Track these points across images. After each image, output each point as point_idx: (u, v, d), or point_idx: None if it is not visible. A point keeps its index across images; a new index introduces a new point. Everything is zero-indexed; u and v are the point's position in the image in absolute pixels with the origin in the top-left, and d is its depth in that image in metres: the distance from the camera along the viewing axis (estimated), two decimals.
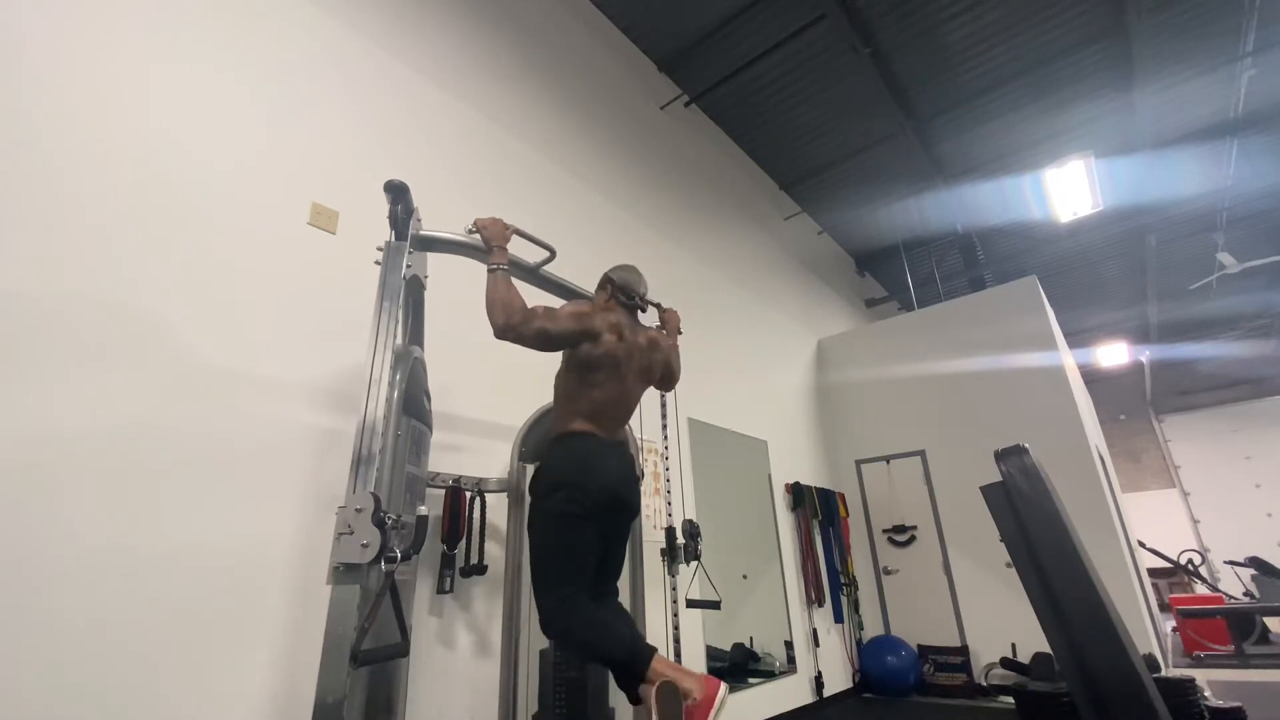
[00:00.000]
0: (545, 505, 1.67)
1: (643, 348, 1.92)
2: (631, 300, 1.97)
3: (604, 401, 1.79)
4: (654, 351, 1.98)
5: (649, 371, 1.98)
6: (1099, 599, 1.84)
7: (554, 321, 1.72)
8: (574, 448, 1.73)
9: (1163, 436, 10.97)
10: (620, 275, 1.99)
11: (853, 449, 5.73)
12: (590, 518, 1.66)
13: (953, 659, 4.65)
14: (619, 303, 1.95)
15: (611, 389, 1.80)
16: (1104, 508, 4.37)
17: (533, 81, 3.58)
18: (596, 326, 1.79)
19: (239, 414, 1.85)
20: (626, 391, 1.86)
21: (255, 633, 1.71)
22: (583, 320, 1.78)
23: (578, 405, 1.78)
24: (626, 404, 1.89)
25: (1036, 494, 1.98)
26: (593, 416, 1.77)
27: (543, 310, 1.72)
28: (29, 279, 1.56)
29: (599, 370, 1.78)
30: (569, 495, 1.64)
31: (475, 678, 2.23)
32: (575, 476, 1.67)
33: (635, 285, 1.99)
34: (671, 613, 2.64)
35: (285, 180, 2.18)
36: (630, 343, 1.87)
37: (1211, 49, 4.82)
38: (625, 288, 1.97)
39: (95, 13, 1.85)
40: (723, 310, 4.74)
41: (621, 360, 1.82)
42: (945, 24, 4.59)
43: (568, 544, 1.64)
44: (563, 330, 1.74)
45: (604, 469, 1.71)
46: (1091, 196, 5.82)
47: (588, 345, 1.78)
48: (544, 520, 1.67)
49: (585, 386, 1.78)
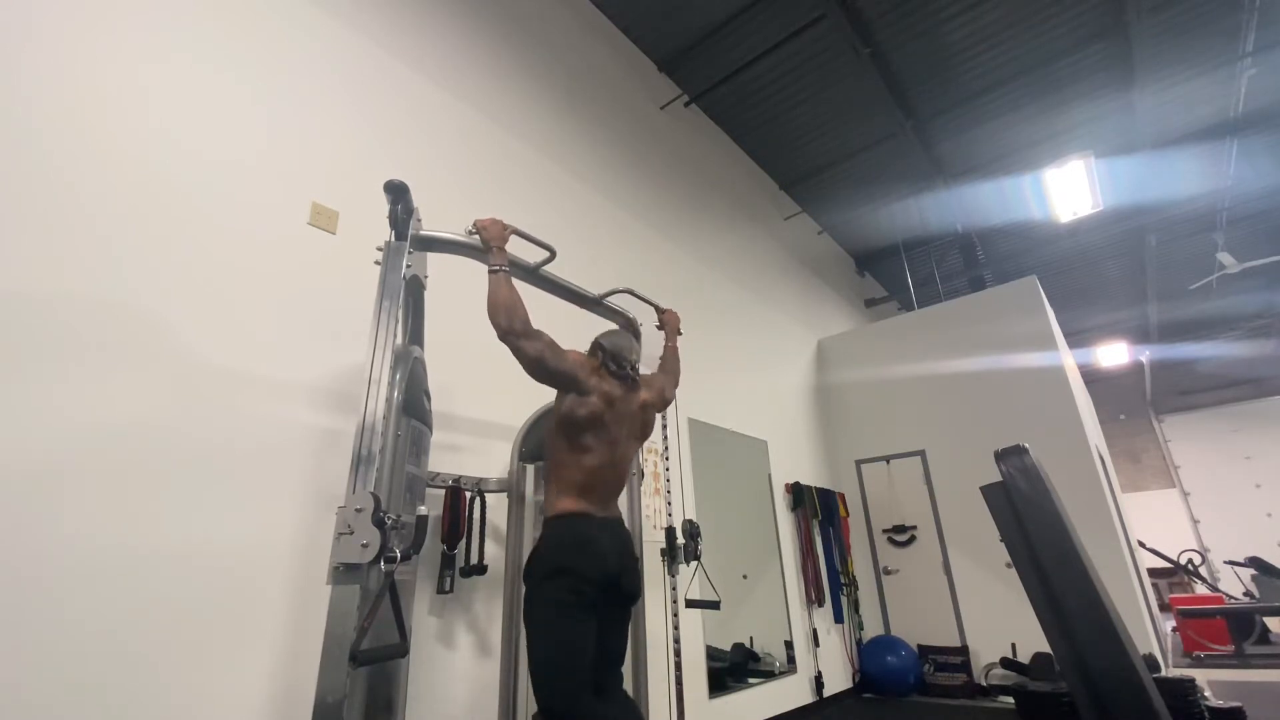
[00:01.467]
0: (540, 594, 1.62)
1: (634, 413, 1.90)
2: (621, 370, 1.88)
3: (595, 470, 1.75)
4: (644, 414, 1.97)
5: (643, 430, 1.97)
6: (1099, 599, 1.84)
7: (554, 355, 1.71)
8: (567, 531, 1.69)
9: (1163, 436, 10.97)
10: (611, 342, 1.92)
11: (853, 449, 5.73)
12: (587, 604, 1.60)
13: (953, 659, 4.65)
14: (609, 371, 1.87)
15: (602, 454, 1.77)
16: (1104, 508, 4.37)
17: (533, 81, 3.58)
18: (589, 386, 1.76)
19: (239, 414, 1.85)
20: (617, 456, 1.83)
21: (255, 633, 1.71)
22: (580, 371, 1.76)
23: (570, 476, 1.74)
24: (620, 470, 1.85)
25: (1036, 494, 1.98)
26: (585, 490, 1.73)
27: (549, 340, 1.71)
28: (29, 279, 1.56)
29: (586, 433, 1.75)
30: (564, 583, 1.60)
31: (475, 678, 2.23)
32: (570, 562, 1.62)
33: (625, 354, 1.91)
34: (671, 613, 2.64)
35: (285, 180, 2.18)
36: (620, 411, 1.84)
37: (1211, 49, 4.82)
38: (615, 356, 1.89)
39: (95, 13, 1.85)
40: (723, 310, 4.74)
41: (609, 425, 1.79)
42: (945, 24, 4.59)
43: (566, 633, 1.57)
44: (557, 368, 1.71)
45: (600, 552, 1.67)
46: (1091, 196, 5.82)
47: (573, 399, 1.75)
48: (540, 610, 1.61)
49: (574, 452, 1.75)
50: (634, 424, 1.91)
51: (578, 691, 1.53)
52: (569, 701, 1.52)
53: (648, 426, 2.00)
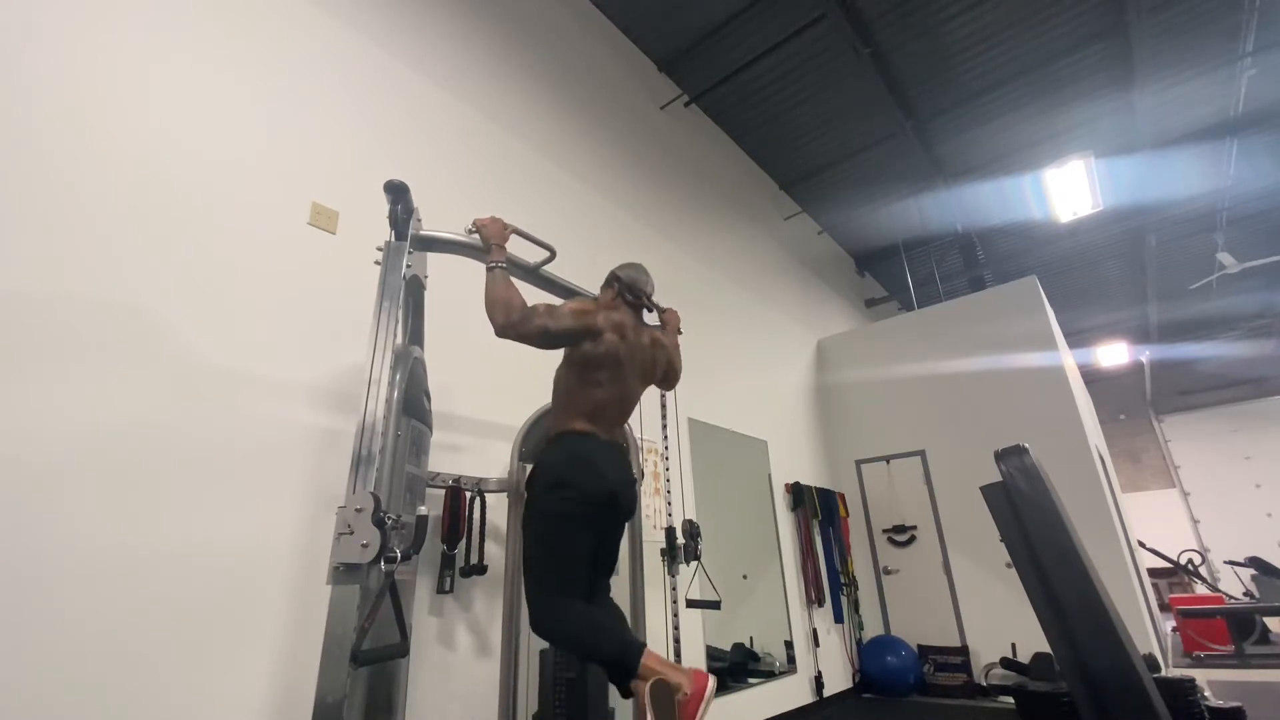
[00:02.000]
0: (541, 504, 1.67)
1: (645, 347, 1.92)
2: (638, 299, 1.97)
3: (604, 401, 1.79)
4: (656, 350, 1.98)
5: (651, 371, 1.98)
6: (1099, 599, 1.84)
7: (555, 319, 1.72)
8: (571, 447, 1.72)
9: (1163, 436, 10.97)
10: (627, 273, 1.99)
11: (853, 449, 5.73)
12: (586, 518, 1.66)
13: (953, 659, 4.65)
14: (624, 301, 1.94)
15: (612, 389, 1.80)
16: (1104, 508, 4.37)
17: (533, 81, 3.58)
18: (599, 324, 1.78)
19: (239, 414, 1.85)
20: (627, 391, 1.86)
21: (255, 633, 1.71)
22: (584, 318, 1.78)
23: (577, 403, 1.77)
24: (626, 404, 1.89)
25: (1036, 494, 1.98)
26: (592, 416, 1.77)
27: (544, 308, 1.72)
28: (29, 279, 1.56)
29: (600, 369, 1.78)
30: (565, 495, 1.64)
31: (475, 678, 2.23)
32: (572, 476, 1.66)
33: (642, 284, 1.98)
34: (671, 613, 2.64)
35: (285, 180, 2.18)
36: (633, 342, 1.86)
37: (1211, 49, 4.82)
38: (632, 286, 1.96)
39: (95, 13, 1.85)
40: (723, 310, 4.74)
41: (623, 360, 1.82)
42: (945, 24, 4.59)
43: (562, 544, 1.63)
44: (564, 328, 1.74)
45: (601, 469, 1.70)
46: (1091, 196, 5.82)
47: (589, 343, 1.77)
48: (539, 519, 1.67)
49: (585, 385, 1.78)
50: (645, 359, 1.93)
51: (564, 592, 1.60)
52: (557, 602, 1.58)
53: (656, 367, 2.00)
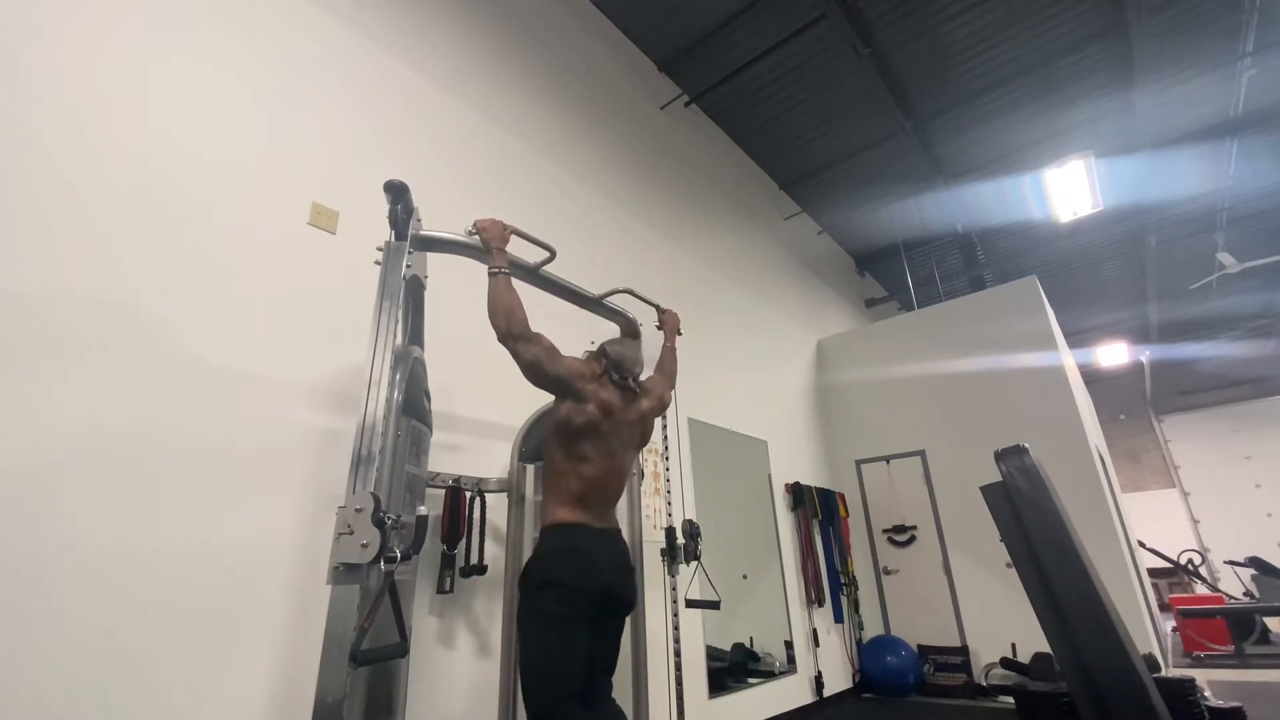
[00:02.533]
0: (535, 603, 1.62)
1: (633, 422, 1.90)
2: (623, 381, 1.88)
3: (592, 479, 1.75)
4: (644, 423, 1.97)
5: (641, 440, 1.98)
6: (1099, 599, 1.84)
7: (551, 361, 1.70)
8: (563, 541, 1.69)
9: (1163, 436, 10.97)
10: (615, 351, 1.91)
11: (853, 449, 5.73)
12: (581, 616, 1.61)
13: (953, 659, 4.65)
14: (610, 380, 1.87)
15: (600, 463, 1.77)
16: (1104, 508, 4.37)
17: (533, 81, 3.58)
18: (587, 394, 1.76)
19: (239, 414, 1.85)
20: (615, 466, 1.83)
21: (255, 633, 1.71)
22: (577, 379, 1.75)
23: (567, 485, 1.74)
24: (618, 478, 1.85)
25: (1036, 494, 1.98)
26: (582, 499, 1.73)
27: (548, 344, 1.71)
28: (29, 279, 1.56)
29: (583, 441, 1.75)
30: (559, 594, 1.60)
31: (475, 678, 2.23)
32: (564, 573, 1.62)
33: (628, 365, 1.90)
34: (671, 613, 2.64)
35: (285, 180, 2.18)
36: (618, 420, 1.83)
37: (1211, 49, 4.82)
38: (618, 365, 1.88)
39: (95, 13, 1.85)
40: (723, 310, 4.74)
41: (607, 435, 1.79)
42: (945, 24, 4.59)
43: (557, 645, 1.57)
44: (555, 373, 1.71)
45: (595, 563, 1.67)
46: (1091, 196, 5.82)
47: (570, 405, 1.75)
48: (533, 619, 1.61)
49: (571, 460, 1.75)
50: (633, 432, 1.91)
51: (564, 702, 1.54)
52: (555, 712, 1.53)
53: (646, 434, 2.01)
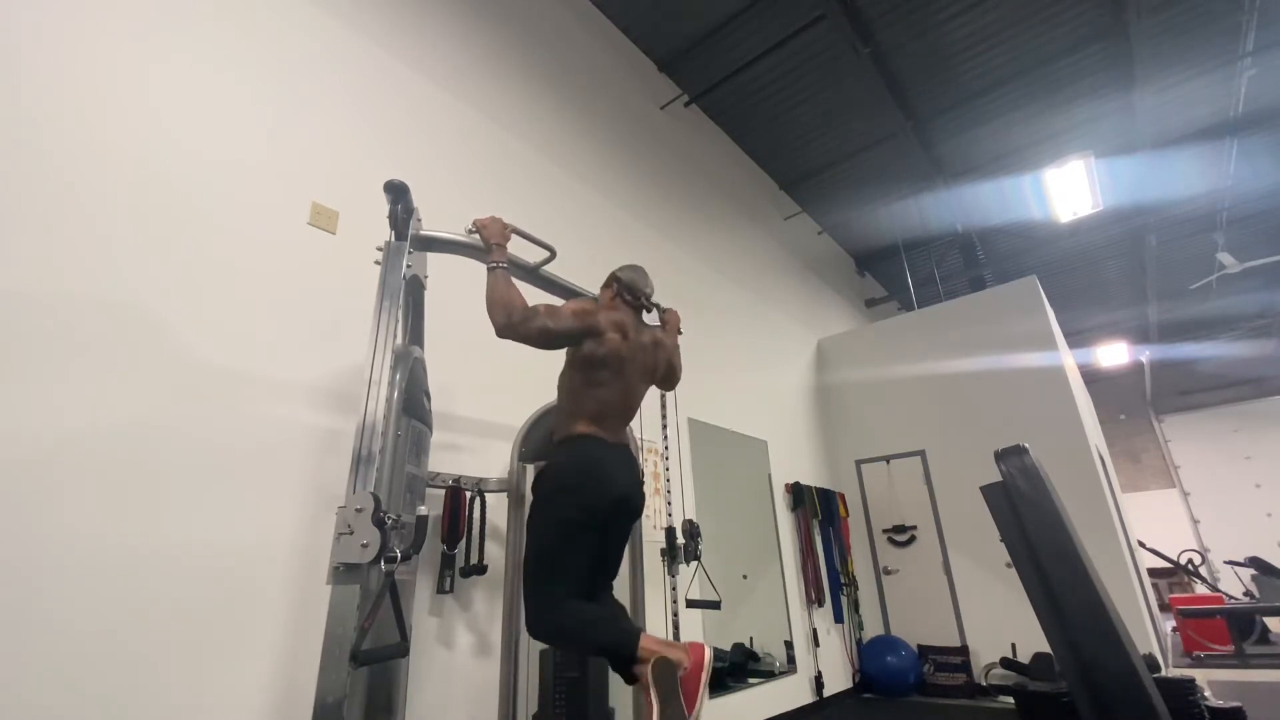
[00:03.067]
0: (548, 509, 1.66)
1: (647, 346, 1.93)
2: (637, 300, 1.97)
3: (608, 401, 1.78)
4: (658, 350, 1.98)
5: (652, 370, 1.98)
6: (1099, 599, 1.84)
7: (556, 319, 1.71)
8: (579, 452, 1.72)
9: (1163, 436, 10.97)
10: (626, 275, 1.99)
11: (853, 449, 5.73)
12: (593, 523, 1.65)
13: (953, 659, 4.65)
14: (624, 301, 1.95)
15: (615, 388, 1.80)
16: (1104, 508, 4.37)
17: (533, 81, 3.58)
18: (600, 324, 1.78)
19: (239, 414, 1.85)
20: (630, 391, 1.86)
21: (255, 633, 1.71)
22: (585, 318, 1.77)
23: (582, 405, 1.77)
24: (630, 403, 1.89)
25: (1036, 494, 1.98)
26: (597, 417, 1.76)
27: (545, 308, 1.71)
28: (29, 279, 1.56)
29: (603, 369, 1.77)
30: (572, 501, 1.63)
31: (475, 678, 2.23)
32: (580, 481, 1.66)
33: (641, 285, 1.99)
34: (671, 613, 2.64)
35: (285, 180, 2.18)
36: (635, 342, 1.86)
37: (1211, 49, 4.82)
38: (631, 287, 1.97)
39: (95, 13, 1.85)
40: (723, 310, 4.74)
41: (626, 359, 1.82)
42: (945, 24, 4.59)
43: (565, 550, 1.62)
44: (565, 328, 1.73)
45: (609, 474, 1.70)
46: (1091, 196, 5.82)
47: (591, 343, 1.77)
48: (545, 523, 1.65)
49: (589, 385, 1.78)
50: (647, 358, 1.93)
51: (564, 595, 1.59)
52: (553, 603, 1.57)
53: (659, 367, 2.01)
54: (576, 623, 1.58)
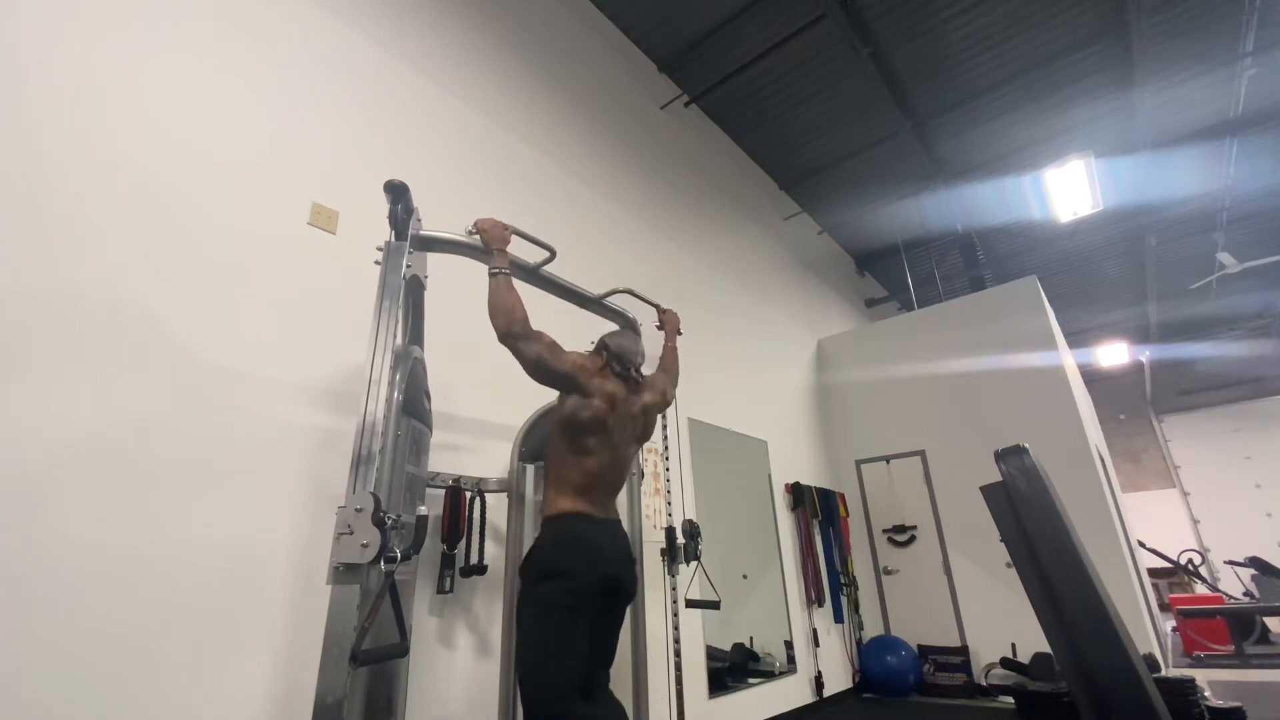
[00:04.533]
0: (536, 593, 1.60)
1: (636, 416, 1.89)
2: (625, 371, 1.88)
3: (595, 472, 1.75)
4: (648, 416, 1.96)
5: (643, 434, 1.97)
6: (1099, 599, 1.84)
7: (554, 357, 1.69)
8: (566, 531, 1.67)
9: (1163, 436, 10.96)
10: (616, 343, 1.91)
11: (853, 449, 5.73)
12: (583, 607, 1.59)
13: (953, 659, 4.65)
14: (612, 372, 1.86)
15: (603, 456, 1.76)
16: (1104, 508, 4.37)
17: (533, 81, 3.58)
18: (592, 389, 1.75)
19: (239, 414, 1.85)
20: (618, 459, 1.82)
21: (255, 633, 1.71)
22: (581, 374, 1.74)
23: (569, 477, 1.73)
24: (620, 472, 1.85)
25: (1036, 494, 1.98)
26: (584, 491, 1.73)
27: (549, 340, 1.70)
28: (29, 279, 1.56)
29: (589, 435, 1.74)
30: (561, 585, 1.58)
31: (475, 678, 2.23)
32: (566, 563, 1.61)
33: (630, 356, 1.90)
34: (671, 613, 2.64)
35: (285, 180, 2.18)
36: (623, 413, 1.83)
37: (1211, 49, 4.81)
38: (620, 357, 1.88)
39: (95, 12, 1.85)
40: (723, 310, 4.74)
41: (612, 429, 1.78)
42: (945, 24, 4.58)
43: (558, 635, 1.55)
44: (557, 369, 1.70)
45: (598, 552, 1.66)
46: (1091, 196, 5.81)
47: (575, 401, 1.74)
48: (533, 611, 1.59)
49: (576, 454, 1.74)
50: (635, 426, 1.91)
51: (564, 695, 1.53)
52: (555, 705, 1.51)
53: (649, 428, 2.00)
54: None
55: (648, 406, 1.96)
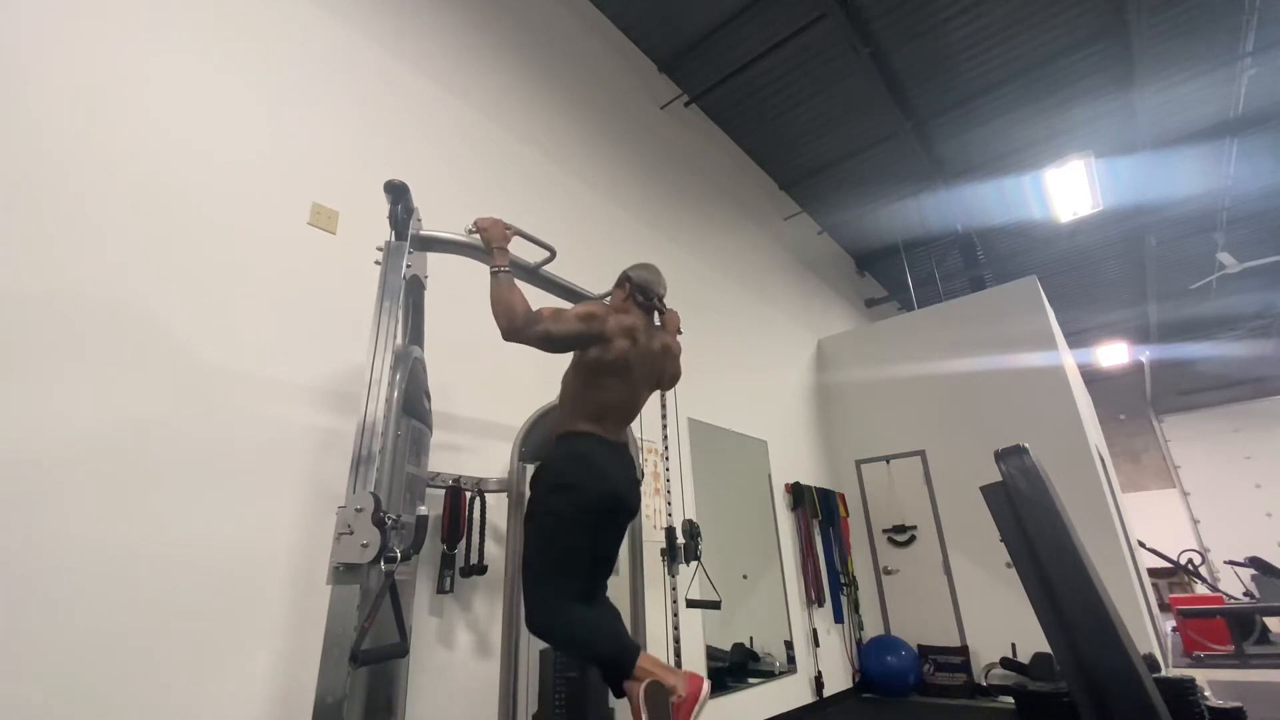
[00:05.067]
0: (544, 505, 1.66)
1: (656, 353, 1.89)
2: (649, 301, 1.91)
3: (610, 403, 1.78)
4: (667, 357, 1.96)
5: (659, 377, 1.97)
6: (1099, 599, 1.84)
7: (559, 324, 1.69)
8: (577, 448, 1.72)
9: (1163, 436, 10.96)
10: (639, 274, 1.93)
11: (853, 449, 5.73)
12: (589, 520, 1.65)
13: (953, 659, 4.65)
14: (635, 303, 1.90)
15: (620, 392, 1.79)
16: (1104, 508, 4.37)
17: (533, 81, 3.58)
18: (608, 330, 1.74)
19: (239, 414, 1.85)
20: (634, 395, 1.85)
21: (255, 633, 1.71)
22: (591, 322, 1.74)
23: (583, 405, 1.77)
24: (633, 406, 1.87)
25: (1036, 494, 1.98)
26: (598, 417, 1.76)
27: (549, 311, 1.69)
28: (29, 279, 1.56)
29: (609, 374, 1.76)
30: (570, 497, 1.64)
31: (475, 678, 2.23)
32: (578, 478, 1.66)
33: (654, 286, 1.93)
34: (671, 613, 2.64)
35: (285, 180, 2.18)
36: (644, 347, 1.83)
37: (1211, 49, 4.82)
38: (644, 288, 1.91)
39: (95, 12, 1.85)
40: (723, 310, 4.74)
41: (633, 364, 1.79)
42: (945, 24, 4.59)
43: (564, 545, 1.63)
44: (567, 332, 1.70)
45: (607, 471, 1.70)
46: (1091, 196, 5.82)
47: (597, 349, 1.75)
48: (542, 519, 1.66)
49: (593, 389, 1.77)
50: (655, 364, 1.90)
51: (563, 595, 1.60)
52: (556, 609, 1.58)
53: (664, 374, 1.99)
54: (578, 629, 1.58)
55: (668, 346, 1.97)
